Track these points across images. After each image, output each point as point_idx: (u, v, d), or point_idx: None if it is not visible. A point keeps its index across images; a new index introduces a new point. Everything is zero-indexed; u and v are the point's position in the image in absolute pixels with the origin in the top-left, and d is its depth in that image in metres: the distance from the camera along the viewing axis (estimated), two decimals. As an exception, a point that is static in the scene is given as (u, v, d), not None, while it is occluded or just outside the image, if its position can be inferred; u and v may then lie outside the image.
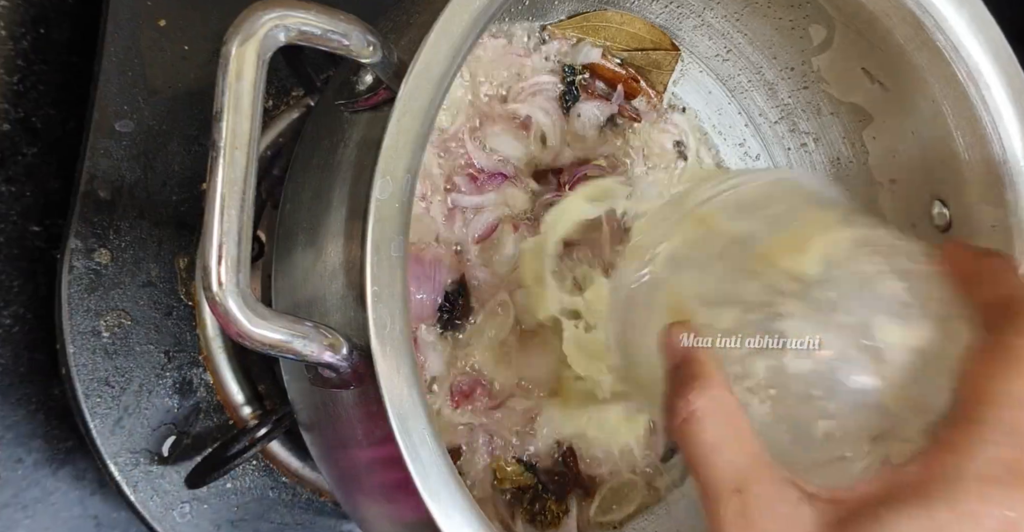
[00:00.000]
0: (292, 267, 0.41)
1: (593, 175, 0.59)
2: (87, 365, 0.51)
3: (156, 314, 0.53)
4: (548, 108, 0.58)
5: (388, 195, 0.35)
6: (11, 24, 0.53)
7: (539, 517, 0.56)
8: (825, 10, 0.54)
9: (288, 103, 0.59)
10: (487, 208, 0.55)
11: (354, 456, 0.41)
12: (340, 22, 0.34)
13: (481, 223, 0.55)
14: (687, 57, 0.64)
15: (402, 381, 0.34)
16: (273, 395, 0.57)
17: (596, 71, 0.61)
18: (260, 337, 0.33)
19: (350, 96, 0.39)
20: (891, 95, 0.55)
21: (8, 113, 0.53)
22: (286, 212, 0.44)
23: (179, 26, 0.54)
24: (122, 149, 0.52)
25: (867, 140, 0.59)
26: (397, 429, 0.34)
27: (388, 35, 0.37)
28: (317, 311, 0.38)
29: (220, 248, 0.32)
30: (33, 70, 0.54)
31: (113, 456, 0.51)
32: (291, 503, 0.57)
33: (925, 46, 0.50)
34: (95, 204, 0.51)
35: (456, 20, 0.37)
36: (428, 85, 0.36)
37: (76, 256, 0.51)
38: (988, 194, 0.52)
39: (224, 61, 0.32)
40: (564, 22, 0.60)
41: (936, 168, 0.54)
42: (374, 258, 0.34)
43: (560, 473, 0.57)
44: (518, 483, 0.55)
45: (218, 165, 0.32)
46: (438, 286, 0.53)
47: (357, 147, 0.39)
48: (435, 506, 0.34)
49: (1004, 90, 0.50)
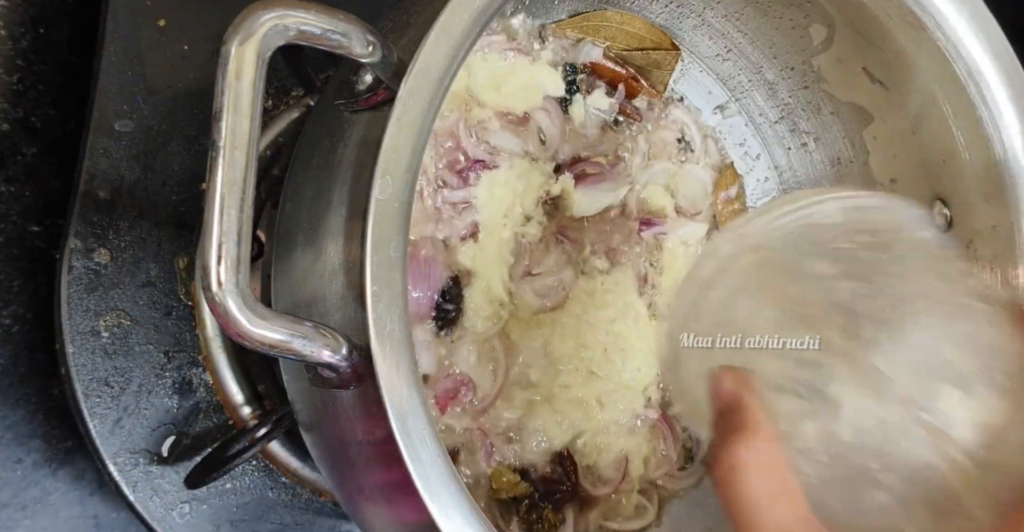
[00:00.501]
0: (292, 267, 0.41)
1: (592, 172, 0.59)
2: (87, 365, 0.51)
3: (156, 314, 0.53)
4: (548, 107, 0.58)
5: (388, 195, 0.35)
6: (11, 24, 0.53)
7: (536, 526, 0.55)
8: (825, 10, 0.54)
9: (288, 103, 0.59)
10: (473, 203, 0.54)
11: (354, 456, 0.41)
12: (340, 22, 0.34)
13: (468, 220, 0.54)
14: (687, 57, 0.64)
15: (402, 381, 0.34)
16: (273, 395, 0.57)
17: (597, 70, 0.61)
18: (260, 337, 0.32)
19: (350, 96, 0.39)
20: (891, 95, 0.55)
21: (8, 113, 0.52)
22: (286, 212, 0.44)
23: (179, 26, 0.54)
24: (122, 149, 0.52)
25: (867, 140, 0.59)
26: (397, 429, 0.34)
27: (388, 35, 0.37)
28: (317, 311, 0.38)
29: (220, 248, 0.32)
30: (33, 70, 0.54)
31: (112, 456, 0.51)
32: (291, 503, 0.57)
33: (925, 46, 0.50)
34: (95, 204, 0.51)
35: (456, 20, 0.37)
36: (428, 85, 0.36)
37: (76, 256, 0.51)
38: (988, 194, 0.51)
39: (224, 61, 0.32)
40: (564, 21, 0.60)
41: (936, 168, 0.54)
42: (374, 258, 0.34)
43: (558, 481, 0.56)
44: (514, 492, 0.55)
45: (218, 165, 0.32)
46: (434, 283, 0.52)
47: (357, 147, 0.39)
48: (435, 506, 0.34)
49: (1004, 90, 0.50)
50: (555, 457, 0.56)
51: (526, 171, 0.57)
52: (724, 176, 0.66)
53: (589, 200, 0.59)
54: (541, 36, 0.59)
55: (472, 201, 0.54)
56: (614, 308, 0.59)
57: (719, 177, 0.66)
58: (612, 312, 0.59)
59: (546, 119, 0.58)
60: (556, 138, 0.58)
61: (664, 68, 0.63)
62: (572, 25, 0.60)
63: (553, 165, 0.58)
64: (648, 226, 0.62)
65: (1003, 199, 0.51)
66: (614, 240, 0.61)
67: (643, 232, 0.62)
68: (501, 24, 0.57)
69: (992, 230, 0.52)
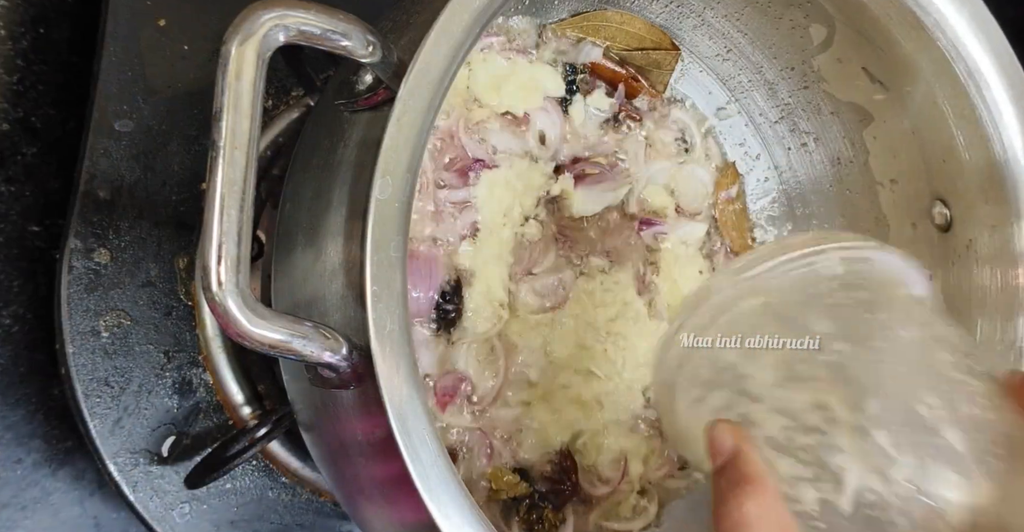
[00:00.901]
0: (292, 267, 0.41)
1: (592, 172, 0.59)
2: (87, 365, 0.51)
3: (156, 314, 0.53)
4: (548, 107, 0.58)
5: (388, 195, 0.35)
6: (11, 24, 0.53)
7: (536, 526, 0.55)
8: (825, 10, 0.54)
9: (288, 103, 0.59)
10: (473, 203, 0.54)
11: (354, 456, 0.41)
12: (340, 22, 0.34)
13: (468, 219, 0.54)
14: (687, 57, 0.64)
15: (402, 381, 0.34)
16: (273, 395, 0.57)
17: (597, 70, 0.61)
18: (260, 337, 0.32)
19: (350, 96, 0.39)
20: (891, 95, 0.55)
21: (8, 113, 0.52)
22: (286, 212, 0.44)
23: (179, 26, 0.54)
24: (122, 149, 0.52)
25: (867, 140, 0.59)
26: (397, 429, 0.34)
27: (388, 35, 0.37)
28: (317, 311, 0.38)
29: (220, 248, 0.32)
30: (33, 70, 0.54)
31: (113, 456, 0.51)
32: (291, 503, 0.57)
33: (925, 46, 0.50)
34: (95, 204, 0.51)
35: (456, 20, 0.37)
36: (428, 85, 0.36)
37: (76, 256, 0.51)
38: (988, 194, 0.52)
39: (224, 61, 0.32)
40: (564, 21, 0.60)
41: (936, 168, 0.54)
42: (374, 258, 0.34)
43: (558, 481, 0.56)
44: (514, 493, 0.55)
45: (218, 165, 0.32)
46: (434, 283, 0.52)
47: (357, 147, 0.39)
48: (435, 506, 0.34)
49: (1004, 90, 0.50)
50: (555, 457, 0.56)
51: (526, 171, 0.57)
52: (725, 175, 0.66)
53: (589, 200, 0.59)
54: (541, 36, 0.59)
55: (472, 200, 0.54)
56: (614, 308, 0.59)
57: (720, 177, 0.66)
58: (612, 312, 0.59)
59: (546, 119, 0.58)
60: (556, 138, 0.58)
61: (664, 68, 0.63)
62: (572, 25, 0.60)
63: (553, 165, 0.58)
64: (648, 226, 0.62)
65: (1003, 199, 0.51)
66: (614, 240, 0.61)
67: (643, 232, 0.62)
68: (501, 24, 0.57)
69: (992, 230, 0.52)
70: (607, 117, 0.61)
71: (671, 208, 0.63)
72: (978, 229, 0.53)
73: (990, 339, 0.53)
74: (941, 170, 0.54)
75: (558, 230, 0.59)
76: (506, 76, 0.56)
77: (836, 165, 0.62)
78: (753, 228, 0.67)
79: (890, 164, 0.58)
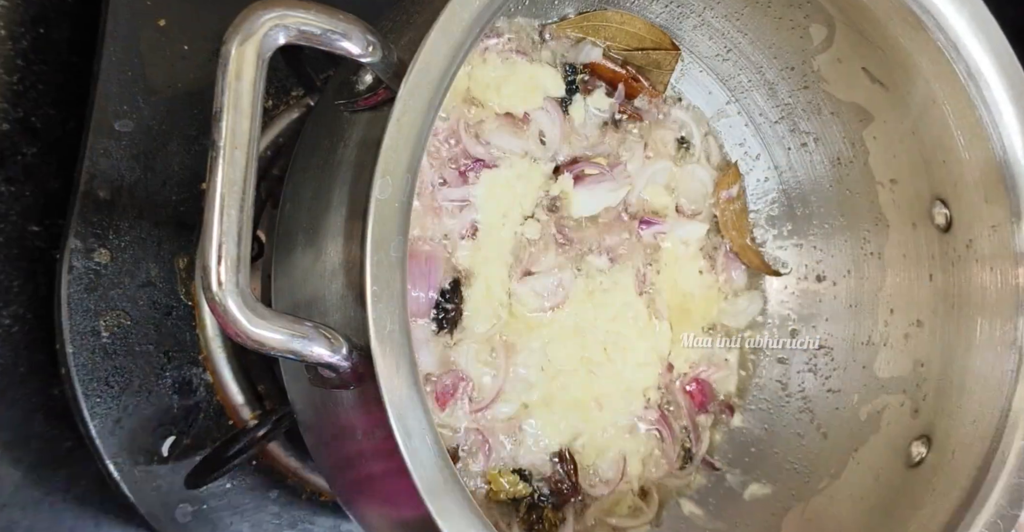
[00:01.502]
0: (292, 267, 0.41)
1: (592, 172, 0.59)
2: (87, 365, 0.51)
3: (156, 314, 0.53)
4: (548, 107, 0.58)
5: (388, 195, 0.35)
6: (11, 24, 0.53)
7: (536, 526, 0.55)
8: (826, 10, 0.54)
9: (288, 103, 0.59)
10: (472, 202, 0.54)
11: (354, 456, 0.41)
12: (340, 22, 0.34)
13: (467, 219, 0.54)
14: (687, 57, 0.64)
15: (402, 381, 0.34)
16: (273, 395, 0.57)
17: (597, 70, 0.61)
18: (260, 337, 0.33)
19: (350, 96, 0.39)
20: (891, 95, 0.55)
21: (8, 113, 0.53)
22: (286, 212, 0.44)
23: (179, 26, 0.54)
24: (122, 149, 0.52)
25: (867, 140, 0.59)
26: (397, 429, 0.34)
27: (388, 35, 0.37)
28: (317, 311, 0.38)
29: (220, 248, 0.32)
30: (33, 70, 0.54)
31: (113, 456, 0.51)
32: (291, 503, 0.57)
33: (925, 46, 0.50)
34: (95, 204, 0.51)
35: (456, 20, 0.37)
36: (428, 85, 0.36)
37: (76, 256, 0.51)
38: (988, 194, 0.52)
39: (224, 61, 0.32)
40: (564, 21, 0.60)
41: (936, 168, 0.54)
42: (374, 258, 0.34)
43: (558, 481, 0.56)
44: (513, 494, 0.55)
45: (218, 165, 0.32)
46: (434, 283, 0.52)
47: (357, 147, 0.39)
48: (435, 506, 0.34)
49: (1004, 90, 0.50)
50: (555, 457, 0.56)
51: (526, 171, 0.57)
52: (726, 175, 0.66)
53: (589, 200, 0.59)
54: (541, 36, 0.59)
55: (472, 200, 0.54)
56: (613, 308, 0.59)
57: (721, 176, 0.66)
58: (611, 312, 0.59)
59: (546, 119, 0.58)
60: (556, 138, 0.58)
61: (664, 68, 0.63)
62: (572, 25, 0.60)
63: (553, 165, 0.58)
64: (648, 225, 0.62)
65: (1003, 199, 0.51)
66: (614, 240, 0.60)
67: (643, 232, 0.62)
68: (501, 24, 0.57)
69: (992, 230, 0.52)
70: (607, 117, 0.61)
71: (671, 208, 0.63)
72: (978, 229, 0.53)
73: (990, 339, 0.53)
74: (941, 170, 0.54)
75: (558, 230, 0.59)
76: (506, 76, 0.56)
77: (836, 165, 0.62)
78: (753, 228, 0.67)
79: (890, 164, 0.58)
